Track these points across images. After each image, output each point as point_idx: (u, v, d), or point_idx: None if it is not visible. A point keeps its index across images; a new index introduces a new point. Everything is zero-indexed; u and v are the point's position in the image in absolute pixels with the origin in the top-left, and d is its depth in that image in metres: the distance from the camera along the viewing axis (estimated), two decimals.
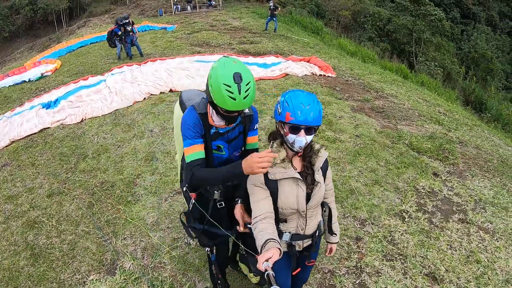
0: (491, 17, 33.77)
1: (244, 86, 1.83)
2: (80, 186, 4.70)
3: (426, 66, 21.07)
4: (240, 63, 1.92)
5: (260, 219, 1.84)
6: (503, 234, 3.75)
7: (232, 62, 1.89)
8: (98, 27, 23.36)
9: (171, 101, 7.43)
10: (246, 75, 1.86)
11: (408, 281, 3.11)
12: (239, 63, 1.91)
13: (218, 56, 10.43)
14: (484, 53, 25.04)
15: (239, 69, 1.86)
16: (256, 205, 1.90)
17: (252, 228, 1.88)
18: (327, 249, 2.34)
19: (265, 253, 1.63)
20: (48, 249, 3.68)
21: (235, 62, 1.90)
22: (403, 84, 10.71)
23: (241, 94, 1.83)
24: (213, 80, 1.87)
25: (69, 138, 6.16)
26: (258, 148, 2.36)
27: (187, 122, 2.08)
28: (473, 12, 32.11)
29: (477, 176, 4.91)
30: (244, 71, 1.86)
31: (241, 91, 1.83)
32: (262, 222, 1.83)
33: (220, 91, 1.83)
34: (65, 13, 35.99)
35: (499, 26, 34.54)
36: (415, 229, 3.77)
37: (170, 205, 4.17)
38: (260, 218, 1.85)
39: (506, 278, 3.19)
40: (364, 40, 24.75)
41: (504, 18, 35.48)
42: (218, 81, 1.83)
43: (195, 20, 20.08)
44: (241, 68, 1.87)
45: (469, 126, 7.53)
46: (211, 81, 1.88)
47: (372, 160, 5.16)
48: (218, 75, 1.85)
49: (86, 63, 12.09)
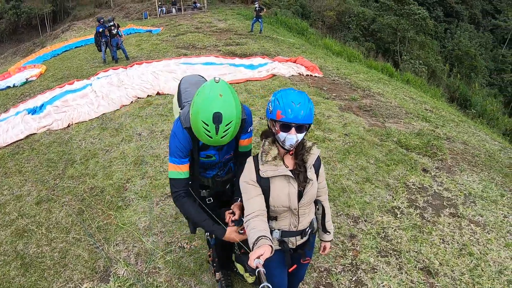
0: (474, 15, 34.49)
1: (223, 127, 1.78)
2: (69, 193, 4.61)
3: (411, 64, 21.37)
4: (226, 95, 1.80)
5: (252, 216, 1.85)
6: (494, 226, 3.82)
7: (217, 95, 1.77)
8: (83, 31, 23.11)
9: (158, 104, 7.37)
10: (228, 114, 1.78)
11: (403, 276, 3.13)
12: (225, 95, 1.79)
13: (205, 58, 10.45)
14: (468, 51, 25.54)
15: (222, 107, 1.76)
16: (248, 202, 1.90)
17: (245, 226, 1.89)
18: (321, 247, 2.34)
19: (256, 250, 1.63)
20: (39, 258, 3.59)
21: (220, 95, 1.78)
22: (389, 82, 10.83)
23: (218, 134, 1.80)
24: (193, 111, 1.81)
25: (56, 144, 6.05)
26: (251, 150, 2.34)
27: (174, 142, 2.05)
28: (456, 10, 32.74)
29: (466, 170, 4.99)
30: (227, 109, 1.77)
31: (219, 131, 1.79)
32: (254, 219, 1.83)
33: (197, 125, 1.80)
34: (49, 17, 35.38)
35: (482, 24, 35.29)
36: (407, 225, 3.80)
37: (161, 209, 4.12)
38: (252, 215, 1.85)
39: (499, 269, 3.25)
40: (349, 40, 24.98)
41: (487, 16, 36.28)
42: (198, 117, 1.78)
43: (180, 22, 20.02)
44: (224, 105, 1.77)
45: (456, 122, 7.66)
46: (192, 110, 1.82)
47: (362, 158, 5.20)
48: (198, 109, 1.77)
49: (71, 67, 11.93)
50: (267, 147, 1.94)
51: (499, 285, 3.08)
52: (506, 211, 4.10)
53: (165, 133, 6.00)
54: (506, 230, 3.79)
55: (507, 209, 4.15)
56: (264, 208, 1.90)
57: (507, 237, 3.68)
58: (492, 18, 35.51)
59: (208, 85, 1.83)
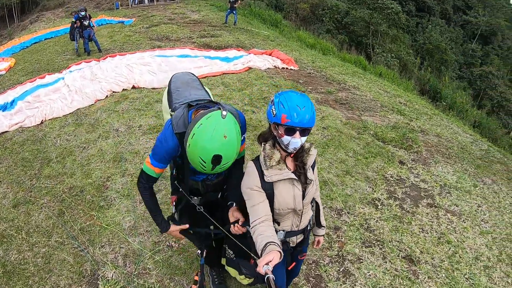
0: (445, 10, 35.57)
1: (220, 166, 1.77)
2: (47, 193, 4.43)
3: (383, 57, 21.89)
4: (231, 136, 1.73)
5: (258, 222, 1.84)
6: (469, 215, 4.05)
7: (222, 137, 1.70)
8: (52, 22, 22.02)
9: (134, 98, 7.19)
10: (228, 156, 1.75)
11: (388, 265, 3.28)
12: (229, 136, 1.72)
13: (180, 51, 10.26)
14: (438, 45, 26.38)
15: (224, 150, 1.72)
16: (254, 208, 1.90)
17: (251, 232, 1.88)
18: (315, 242, 2.40)
19: (265, 256, 1.63)
20: (21, 264, 3.41)
21: (225, 137, 1.70)
22: (363, 75, 11.06)
23: (214, 170, 1.79)
24: (192, 143, 1.73)
25: (30, 142, 5.78)
26: (244, 156, 2.34)
27: (162, 146, 2.02)
28: (428, 5, 33.64)
29: (440, 162, 5.22)
30: (228, 151, 1.74)
31: (215, 169, 1.78)
32: (261, 225, 1.83)
33: (194, 158, 1.76)
34: (17, 8, 33.34)
35: (453, 19, 36.49)
36: (388, 216, 3.96)
37: None
38: (259, 221, 1.85)
39: (476, 256, 3.47)
40: (323, 32, 25.19)
41: (458, 11, 37.53)
42: (196, 151, 1.73)
43: (153, 13, 19.45)
44: (226, 148, 1.73)
45: (429, 115, 7.96)
46: (191, 140, 1.74)
47: (340, 151, 5.33)
48: (198, 145, 1.71)
49: (42, 61, 11.38)
50: (269, 151, 1.93)
51: (477, 270, 3.29)
52: (480, 201, 4.36)
53: (143, 129, 5.88)
54: (480, 218, 4.03)
55: (480, 199, 4.40)
56: (270, 213, 1.90)
57: (482, 225, 3.92)
58: (463, 14, 36.79)
59: (213, 121, 1.72)
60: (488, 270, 3.32)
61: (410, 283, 3.09)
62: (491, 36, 34.60)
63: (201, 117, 1.76)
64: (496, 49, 33.78)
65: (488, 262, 3.40)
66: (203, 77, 8.30)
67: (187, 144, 1.77)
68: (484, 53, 32.92)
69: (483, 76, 28.10)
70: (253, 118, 6.22)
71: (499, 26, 34.54)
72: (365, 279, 3.11)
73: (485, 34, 34.38)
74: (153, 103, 6.85)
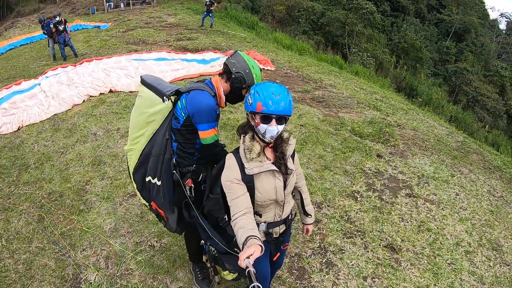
0: (419, 9, 36.31)
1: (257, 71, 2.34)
2: (26, 200, 4.33)
3: (359, 56, 22.17)
4: None
5: (240, 215, 1.84)
6: (447, 203, 4.20)
7: None
8: (27, 28, 21.46)
9: (112, 102, 7.13)
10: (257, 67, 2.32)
11: (370, 254, 3.36)
12: None
13: (156, 54, 10.23)
14: (413, 43, 26.87)
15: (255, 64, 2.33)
16: (234, 201, 1.89)
17: (232, 225, 1.87)
18: (304, 230, 2.43)
19: (246, 249, 1.63)
20: (2, 272, 3.31)
21: None
22: (339, 74, 11.23)
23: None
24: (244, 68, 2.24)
25: (7, 149, 5.65)
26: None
27: (209, 106, 2.19)
28: (403, 5, 34.21)
29: (417, 154, 5.39)
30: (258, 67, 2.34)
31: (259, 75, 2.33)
32: (242, 218, 1.82)
33: (252, 73, 2.25)
34: None
35: (427, 18, 37.31)
36: (368, 207, 4.06)
37: (126, 209, 4.02)
38: (240, 214, 1.84)
39: (456, 242, 3.60)
40: (299, 33, 25.31)
41: (432, 10, 38.40)
42: (250, 63, 2.26)
43: (129, 17, 19.27)
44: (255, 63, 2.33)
45: (405, 110, 8.18)
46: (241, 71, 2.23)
47: (318, 147, 5.42)
48: (250, 62, 2.27)
49: (17, 67, 11.15)
50: (249, 143, 1.94)
51: (458, 256, 3.42)
52: (458, 189, 4.52)
53: (121, 132, 5.82)
54: (459, 206, 4.19)
55: (458, 188, 4.57)
56: (251, 206, 1.90)
57: (461, 213, 4.08)
58: (437, 13, 37.63)
59: (242, 54, 2.33)
60: (469, 255, 3.44)
61: (393, 271, 3.17)
62: (464, 34, 35.52)
63: None
64: (470, 46, 34.69)
65: (469, 248, 3.53)
66: (181, 79, 8.30)
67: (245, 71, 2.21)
68: (458, 50, 33.75)
69: (458, 72, 28.79)
70: (231, 118, 6.26)
71: (472, 23, 35.44)
72: (348, 269, 3.18)
73: (459, 32, 35.28)
74: (131, 106, 6.77)
